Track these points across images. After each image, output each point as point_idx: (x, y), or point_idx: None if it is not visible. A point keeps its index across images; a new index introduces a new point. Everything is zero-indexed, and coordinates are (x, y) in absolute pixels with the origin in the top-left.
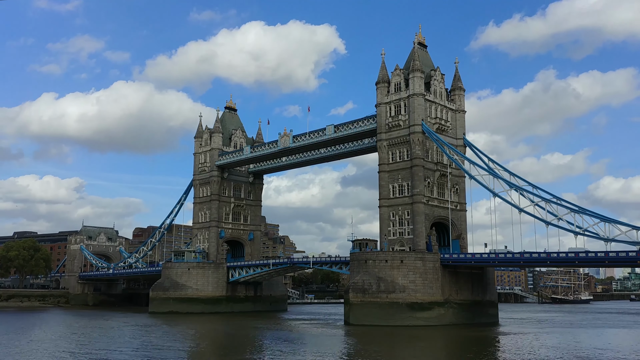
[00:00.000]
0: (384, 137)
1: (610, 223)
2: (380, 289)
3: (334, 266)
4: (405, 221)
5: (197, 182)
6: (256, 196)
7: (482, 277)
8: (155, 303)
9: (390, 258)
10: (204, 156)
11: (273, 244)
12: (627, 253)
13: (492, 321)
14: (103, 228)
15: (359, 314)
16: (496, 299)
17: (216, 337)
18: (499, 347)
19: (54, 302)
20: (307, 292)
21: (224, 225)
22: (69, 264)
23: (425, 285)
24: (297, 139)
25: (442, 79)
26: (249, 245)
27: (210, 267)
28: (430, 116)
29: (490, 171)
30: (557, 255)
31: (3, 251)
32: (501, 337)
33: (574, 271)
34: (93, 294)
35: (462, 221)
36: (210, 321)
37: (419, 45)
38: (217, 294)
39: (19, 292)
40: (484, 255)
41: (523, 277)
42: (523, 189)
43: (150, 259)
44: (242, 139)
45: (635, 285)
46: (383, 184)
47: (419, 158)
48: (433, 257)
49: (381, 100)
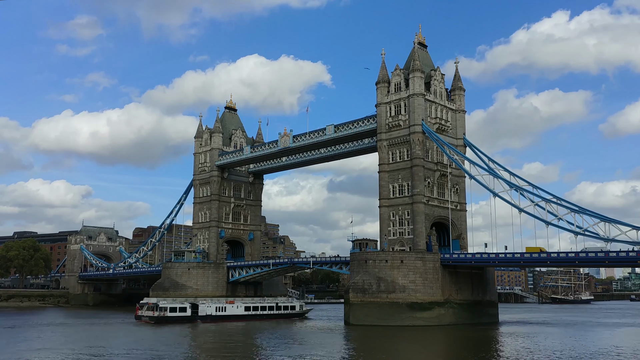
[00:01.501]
0: (384, 137)
1: (610, 223)
2: (380, 289)
3: (334, 266)
4: (405, 221)
5: (197, 182)
6: (256, 196)
7: (482, 277)
8: None
9: (391, 258)
10: (204, 156)
11: (273, 244)
12: (627, 253)
13: (492, 321)
14: (103, 228)
15: (359, 314)
16: (496, 299)
17: (216, 338)
18: (499, 347)
19: (54, 302)
20: (307, 292)
21: (224, 225)
22: (69, 264)
23: (425, 285)
24: (297, 139)
25: (442, 79)
26: (249, 245)
27: (210, 267)
28: (430, 116)
29: (490, 171)
30: (557, 255)
31: (3, 251)
32: (501, 337)
33: (574, 271)
34: (93, 294)
35: (462, 221)
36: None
37: (419, 45)
38: (217, 294)
39: (19, 292)
40: (484, 255)
41: (523, 277)
42: (523, 189)
43: (150, 259)
44: (242, 139)
45: (636, 285)
46: (383, 184)
47: (419, 158)
48: (433, 257)
49: (381, 100)
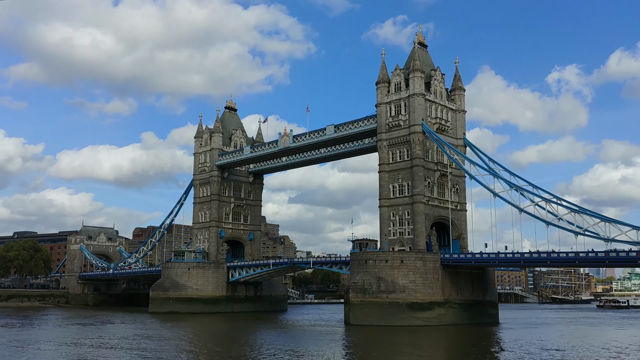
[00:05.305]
0: (384, 137)
1: (611, 223)
2: (380, 289)
3: (334, 266)
4: (405, 221)
5: (197, 182)
6: (256, 196)
7: (483, 277)
8: (155, 303)
9: (391, 258)
10: (204, 156)
11: (273, 244)
12: (627, 253)
13: (493, 321)
14: (103, 228)
15: (359, 314)
16: (496, 299)
17: (216, 338)
18: (499, 347)
19: (54, 302)
20: (307, 292)
21: (224, 225)
22: (69, 264)
23: (425, 285)
24: (297, 139)
25: (442, 79)
26: (249, 245)
27: (210, 267)
28: (431, 116)
29: (490, 171)
30: (557, 255)
31: (3, 251)
32: (501, 337)
33: (574, 271)
34: (93, 294)
35: (462, 221)
36: (210, 321)
37: (419, 45)
38: (217, 294)
39: (19, 292)
40: (484, 255)
41: (523, 277)
42: (523, 188)
43: (150, 259)
44: (242, 139)
45: (636, 285)
46: (383, 184)
47: (419, 158)
48: (433, 257)
49: (381, 100)
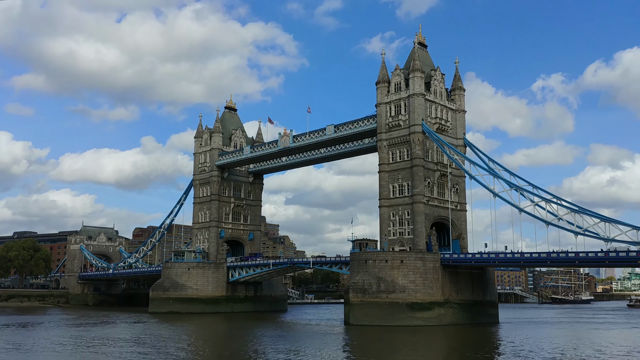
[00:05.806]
0: (384, 137)
1: (610, 223)
2: (380, 289)
3: (334, 266)
4: (405, 221)
5: (197, 182)
6: (256, 196)
7: (482, 277)
8: (155, 303)
9: (391, 258)
10: (204, 156)
11: (273, 244)
12: (627, 253)
13: (492, 321)
14: (103, 228)
15: (359, 314)
16: (496, 299)
17: (216, 338)
18: (499, 347)
19: (54, 302)
20: (307, 292)
21: (224, 225)
22: (69, 264)
23: (425, 285)
24: (297, 139)
25: (442, 79)
26: (249, 245)
27: (210, 267)
28: (431, 116)
29: (490, 171)
30: (557, 255)
31: (3, 251)
32: (501, 337)
33: (574, 271)
34: (93, 294)
35: (462, 221)
36: (210, 321)
37: (419, 45)
38: (217, 294)
39: (19, 292)
40: (484, 255)
41: (523, 277)
42: (523, 188)
43: (150, 259)
44: (242, 139)
45: (636, 285)
46: (383, 184)
47: (419, 158)
48: (433, 257)
49: (381, 100)
